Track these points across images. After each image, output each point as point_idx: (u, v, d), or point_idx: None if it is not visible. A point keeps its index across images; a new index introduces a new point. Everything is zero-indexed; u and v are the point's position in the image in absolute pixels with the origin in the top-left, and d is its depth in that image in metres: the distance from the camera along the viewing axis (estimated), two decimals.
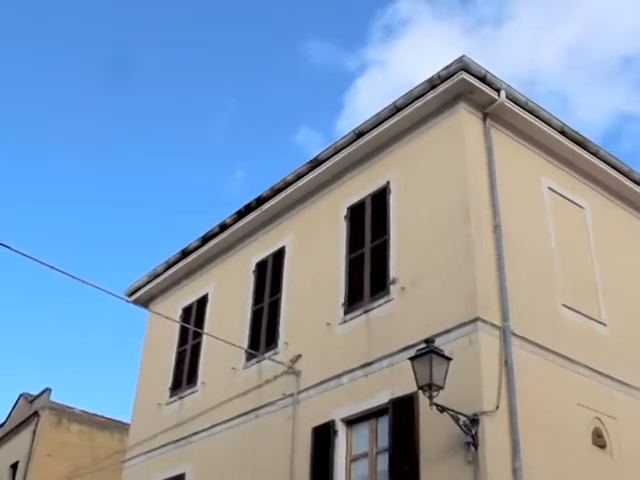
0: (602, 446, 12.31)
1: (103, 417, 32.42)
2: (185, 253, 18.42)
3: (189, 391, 17.00)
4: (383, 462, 11.92)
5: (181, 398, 17.16)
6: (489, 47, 66.35)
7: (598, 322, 13.49)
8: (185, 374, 17.40)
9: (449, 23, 65.89)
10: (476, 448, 10.54)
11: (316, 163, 15.19)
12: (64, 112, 63.13)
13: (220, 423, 15.53)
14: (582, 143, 14.52)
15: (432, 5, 65.87)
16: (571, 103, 66.34)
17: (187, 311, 18.25)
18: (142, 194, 63.81)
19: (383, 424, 12.16)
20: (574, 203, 14.46)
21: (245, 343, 15.61)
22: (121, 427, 29.79)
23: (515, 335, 11.67)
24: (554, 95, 66.28)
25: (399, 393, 11.84)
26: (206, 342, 16.93)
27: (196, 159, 66.27)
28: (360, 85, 67.30)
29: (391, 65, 65.69)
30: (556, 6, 61.05)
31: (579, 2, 62.23)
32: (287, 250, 15.83)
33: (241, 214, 16.84)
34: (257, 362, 15.17)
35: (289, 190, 15.81)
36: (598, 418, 12.44)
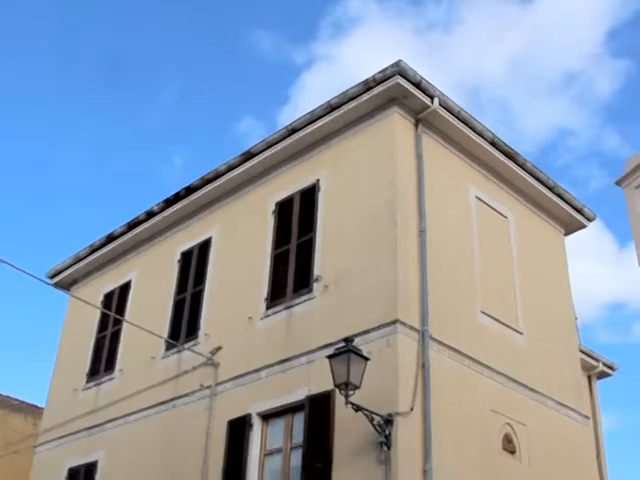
0: (511, 451, 12.60)
1: (17, 400, 31.82)
2: (110, 238, 18.21)
3: (106, 378, 16.83)
4: (297, 458, 11.97)
5: (98, 385, 16.97)
6: (438, 51, 66.80)
7: (515, 330, 13.77)
8: (103, 360, 17.21)
9: (399, 24, 66.18)
10: (389, 448, 10.66)
11: (248, 156, 15.16)
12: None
13: (136, 412, 15.40)
14: (511, 155, 14.81)
15: (382, 5, 66.05)
16: (512, 113, 67.31)
17: (109, 297, 18.04)
18: (74, 176, 62.67)
19: (299, 420, 12.21)
20: (499, 213, 14.76)
21: (165, 332, 15.51)
22: (35, 411, 29.22)
23: (433, 339, 11.85)
24: (496, 104, 67.15)
25: (316, 390, 11.91)
26: (126, 329, 16.77)
27: (135, 142, 65.31)
28: (306, 79, 67.15)
29: (339, 62, 65.70)
30: (504, 15, 61.91)
31: (528, 12, 63.16)
32: (213, 241, 15.75)
33: (169, 202, 16.71)
34: (177, 352, 15.08)
35: (219, 181, 15.73)
36: (509, 424, 12.72)
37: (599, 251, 53.86)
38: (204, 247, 15.88)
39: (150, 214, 17.15)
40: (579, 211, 16.37)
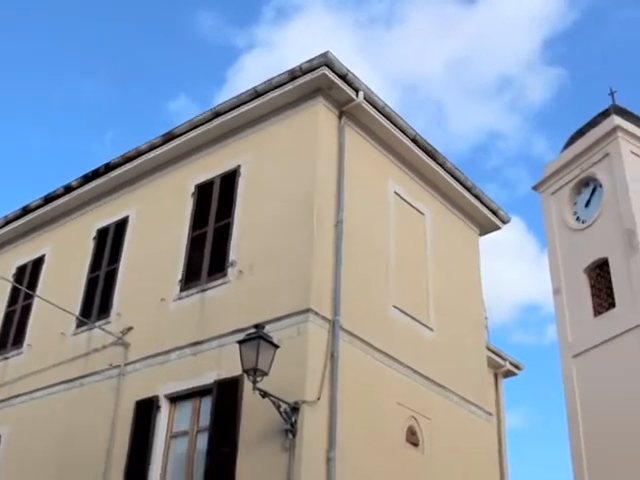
0: (415, 443, 12.84)
1: None
2: (25, 211, 17.86)
3: (14, 352, 16.52)
4: (203, 442, 11.99)
5: (5, 359, 16.65)
6: (378, 46, 67.33)
7: (425, 326, 14.01)
8: (12, 334, 16.88)
9: (341, 16, 66.46)
10: (294, 436, 10.75)
11: (170, 136, 15.03)
12: None
13: (43, 388, 15.16)
14: (431, 153, 15.03)
15: None
16: (446, 113, 68.50)
17: (21, 270, 17.70)
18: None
19: (206, 404, 12.22)
20: (416, 209, 14.97)
21: (77, 309, 15.31)
22: None
23: (344, 330, 11.97)
24: (431, 103, 68.18)
25: (225, 375, 11.94)
26: (37, 304, 16.46)
27: (67, 117, 64.10)
28: (245, 63, 66.99)
29: (278, 48, 65.73)
30: (447, 16, 62.71)
31: (470, 14, 64.11)
32: (130, 220, 15.58)
33: (87, 178, 16.45)
34: (87, 330, 14.89)
35: (140, 160, 15.55)
36: (414, 417, 12.95)
37: (520, 254, 55.22)
38: (121, 225, 15.71)
39: (68, 189, 16.88)
40: (495, 213, 16.71)
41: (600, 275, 22.04)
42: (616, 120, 22.69)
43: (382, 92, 62.42)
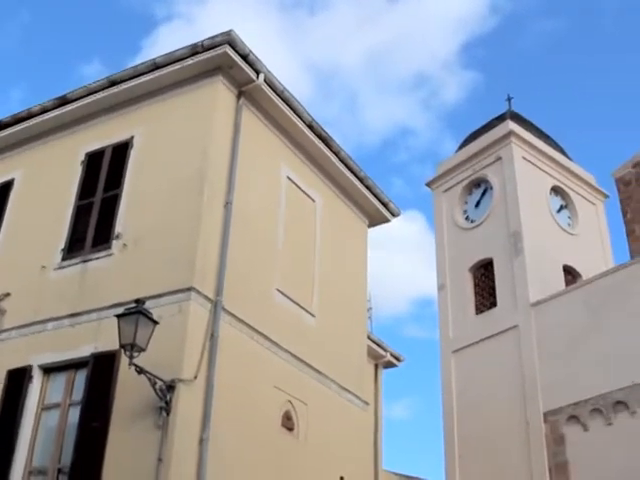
0: (290, 428, 12.95)
1: None
2: None
3: None
4: (75, 415, 11.76)
5: None
6: (300, 30, 66.97)
7: (308, 312, 14.10)
8: None
9: None
10: (168, 414, 10.67)
11: (64, 101, 14.60)
12: None
13: None
14: (326, 141, 15.11)
15: None
16: (360, 104, 68.81)
17: None
18: None
19: (81, 377, 11.99)
20: (308, 196, 15.03)
21: None
22: None
23: (226, 311, 11.94)
24: (346, 92, 68.34)
25: (102, 348, 11.72)
26: None
27: None
28: (162, 34, 65.50)
29: (198, 23, 64.53)
30: (371, 7, 62.95)
31: (393, 9, 64.53)
32: (15, 184, 15.03)
33: None
34: None
35: (31, 122, 15.03)
36: (290, 402, 13.05)
37: (418, 248, 56.18)
38: (5, 189, 15.14)
39: None
40: (385, 205, 16.91)
41: (484, 275, 22.51)
42: (511, 125, 23.15)
43: (298, 76, 62.55)
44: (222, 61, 13.11)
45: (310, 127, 14.68)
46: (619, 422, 17.03)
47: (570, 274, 21.99)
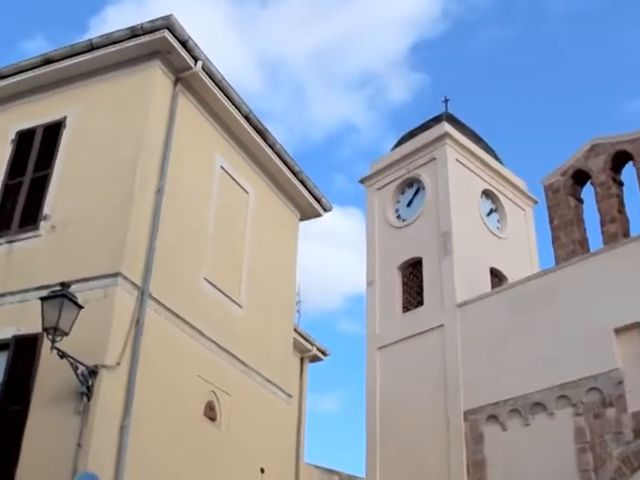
0: (212, 418, 12.96)
1: None
2: None
3: None
4: None
5: None
6: (250, 21, 66.41)
7: (235, 303, 14.10)
8: None
9: None
10: (89, 399, 10.59)
11: None
12: None
13: None
14: (262, 133, 15.12)
15: None
16: (306, 99, 68.70)
17: None
18: None
19: (2, 359, 11.73)
20: (241, 187, 15.02)
21: None
22: None
23: (152, 298, 11.89)
24: (292, 86, 68.11)
25: (25, 331, 11.55)
26: None
27: None
28: (110, 14, 64.20)
29: (147, 6, 63.42)
30: (322, 3, 62.85)
31: (344, 5, 64.51)
32: None
33: None
34: None
35: None
36: (214, 392, 13.06)
37: (356, 244, 56.51)
38: None
39: None
40: (318, 200, 17.00)
41: (413, 273, 22.64)
42: (446, 127, 23.29)
43: (247, 67, 62.30)
44: (160, 45, 13.01)
45: (247, 118, 14.65)
46: (536, 423, 17.30)
47: (496, 277, 22.25)
